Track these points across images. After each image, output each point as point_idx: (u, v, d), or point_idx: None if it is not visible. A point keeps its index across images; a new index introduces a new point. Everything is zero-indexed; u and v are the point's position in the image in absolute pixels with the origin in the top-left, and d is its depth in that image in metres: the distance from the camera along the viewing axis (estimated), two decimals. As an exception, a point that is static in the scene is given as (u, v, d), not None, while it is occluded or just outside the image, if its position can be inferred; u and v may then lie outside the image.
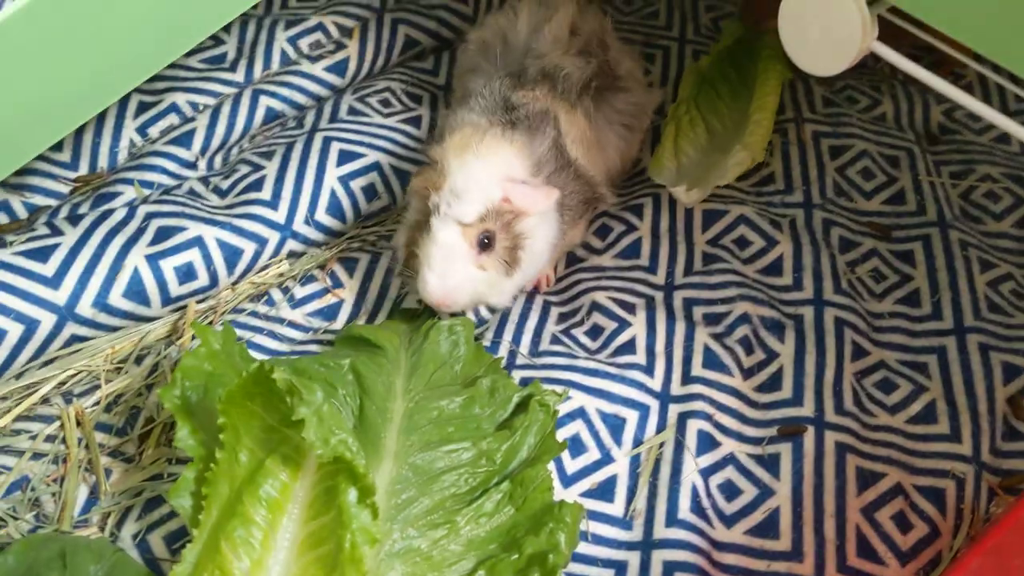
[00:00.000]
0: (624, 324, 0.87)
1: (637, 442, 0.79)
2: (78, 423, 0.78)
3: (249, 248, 0.89)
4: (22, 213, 0.93)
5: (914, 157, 1.04)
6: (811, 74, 0.73)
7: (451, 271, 0.80)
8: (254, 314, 0.88)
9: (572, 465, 0.78)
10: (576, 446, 0.79)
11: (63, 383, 0.81)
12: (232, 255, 0.88)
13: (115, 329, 0.85)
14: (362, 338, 0.82)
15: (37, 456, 0.77)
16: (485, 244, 0.80)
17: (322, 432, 0.61)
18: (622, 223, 0.98)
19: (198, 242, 0.87)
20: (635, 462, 0.78)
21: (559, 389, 0.81)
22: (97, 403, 0.80)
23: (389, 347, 0.81)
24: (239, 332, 0.85)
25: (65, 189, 0.95)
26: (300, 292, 0.91)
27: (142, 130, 1.00)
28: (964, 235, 0.95)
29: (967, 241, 0.94)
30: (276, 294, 0.90)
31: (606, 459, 0.78)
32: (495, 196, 0.80)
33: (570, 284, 0.94)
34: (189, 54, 1.04)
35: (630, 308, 0.89)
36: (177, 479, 0.67)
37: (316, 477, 0.65)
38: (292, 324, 0.88)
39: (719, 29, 1.23)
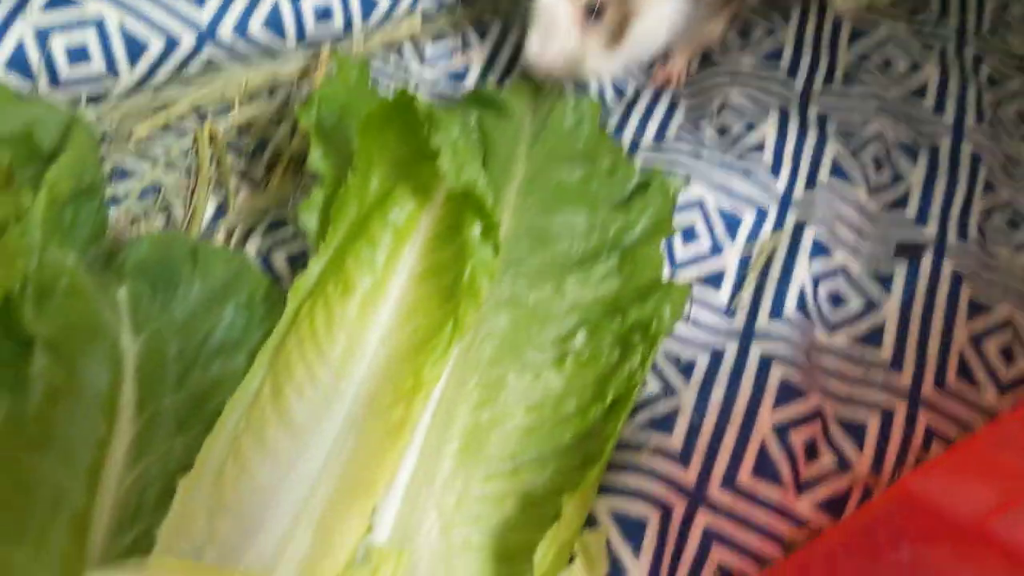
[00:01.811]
0: (754, 125, 0.85)
1: (751, 240, 0.79)
2: (211, 140, 0.80)
3: (384, 1, 0.88)
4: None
5: (1085, 1, 0.97)
6: None
7: (552, 37, 0.78)
8: (384, 66, 0.88)
9: (683, 251, 0.78)
10: (689, 235, 0.79)
11: (198, 104, 0.83)
12: (367, 6, 0.88)
13: (250, 59, 0.86)
14: (489, 99, 0.81)
15: (170, 167, 0.79)
16: (593, 12, 0.78)
17: (455, 164, 0.62)
18: (766, 25, 0.94)
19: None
20: (745, 259, 0.78)
21: (680, 178, 0.80)
22: (229, 126, 0.82)
23: (515, 111, 0.81)
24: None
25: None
26: (431, 51, 0.90)
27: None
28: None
29: None
30: (406, 50, 0.90)
31: (717, 251, 0.78)
32: None
33: (702, 80, 0.91)
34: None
35: (763, 110, 0.86)
36: (305, 198, 0.69)
37: (443, 210, 0.66)
38: (420, 81, 0.88)
39: None
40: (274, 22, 0.84)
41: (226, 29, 0.83)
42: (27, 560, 0.54)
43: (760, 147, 0.84)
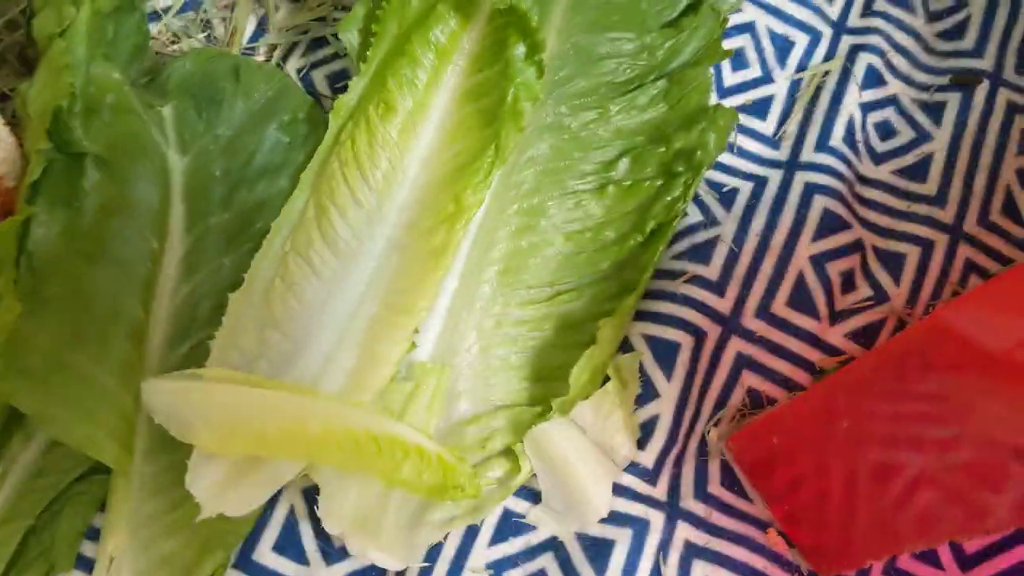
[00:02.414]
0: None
1: (802, 68, 0.77)
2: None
3: None
4: None
5: None
6: None
7: None
8: None
9: (731, 78, 0.77)
10: (738, 60, 0.77)
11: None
12: None
13: None
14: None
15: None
16: None
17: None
18: None
19: None
20: (795, 87, 0.76)
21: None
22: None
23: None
24: None
25: None
26: None
27: None
28: None
29: None
30: None
31: (766, 78, 0.76)
32: None
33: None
34: None
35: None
36: (346, 15, 0.67)
37: (486, 29, 0.65)
38: None
39: None
40: None
41: None
42: (89, 363, 0.57)
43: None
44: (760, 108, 0.76)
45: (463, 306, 0.65)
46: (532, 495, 0.64)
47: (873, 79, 0.76)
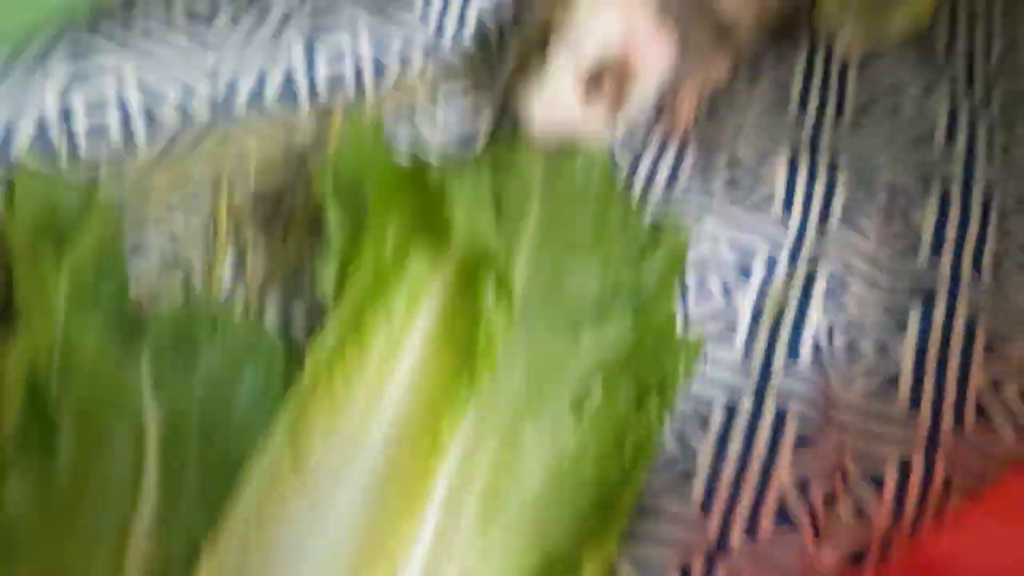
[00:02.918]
0: (764, 171, 0.86)
1: (764, 288, 0.80)
2: (228, 211, 0.82)
3: (394, 63, 0.90)
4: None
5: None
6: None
7: (558, 107, 0.80)
8: (394, 130, 0.90)
9: (695, 301, 0.79)
10: (701, 285, 0.79)
11: (215, 175, 0.85)
12: (379, 67, 0.90)
13: (264, 127, 0.87)
14: (500, 158, 0.82)
15: (188, 239, 0.81)
16: (596, 81, 0.80)
17: (468, 226, 0.63)
18: (772, 72, 0.95)
19: (351, 52, 0.88)
20: (758, 308, 0.79)
21: (691, 223, 0.81)
22: (247, 192, 0.83)
23: (526, 168, 0.82)
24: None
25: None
26: (441, 113, 0.92)
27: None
28: None
29: None
30: (418, 112, 0.91)
31: (728, 301, 0.79)
32: (615, 37, 0.80)
33: (709, 124, 0.92)
34: None
35: (772, 155, 0.87)
36: (321, 263, 0.70)
37: (457, 271, 0.67)
38: (431, 143, 0.90)
39: None
40: (287, 92, 0.86)
41: (241, 101, 0.85)
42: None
43: (770, 194, 0.84)
44: (726, 331, 0.77)
45: (444, 542, 0.63)
46: None
47: (833, 300, 0.78)
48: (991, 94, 0.93)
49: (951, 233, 0.82)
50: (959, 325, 0.77)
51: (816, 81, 0.94)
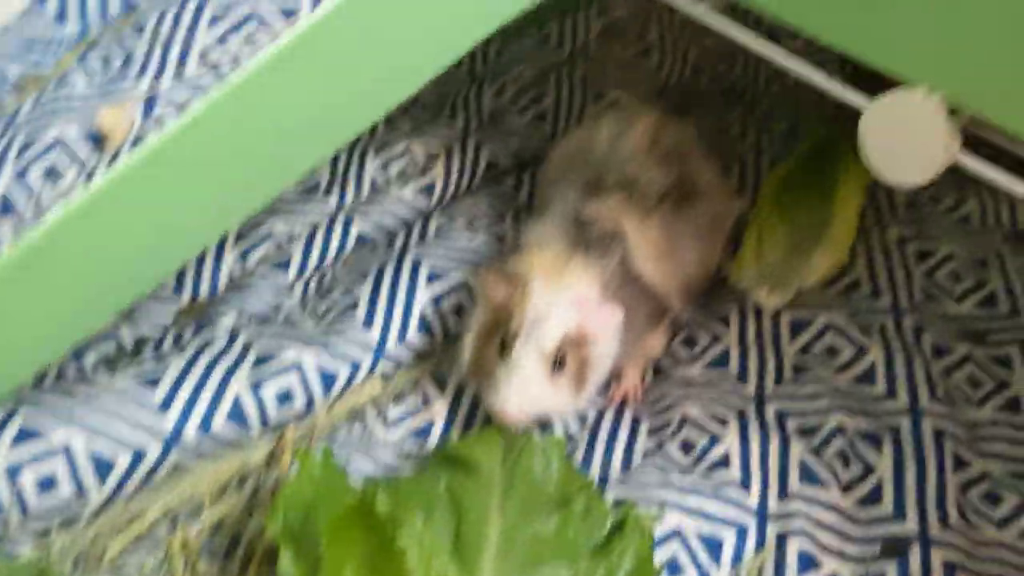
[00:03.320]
0: (717, 438, 0.87)
1: (736, 563, 0.78)
2: (183, 549, 0.80)
3: (344, 370, 0.92)
4: (128, 341, 0.97)
5: (1003, 259, 1.02)
6: (896, 186, 0.74)
7: (527, 391, 0.82)
8: (348, 437, 0.90)
9: (671, 589, 0.77)
10: (674, 569, 0.78)
11: (169, 509, 0.83)
12: (328, 378, 0.91)
13: (216, 454, 0.87)
14: (457, 456, 0.83)
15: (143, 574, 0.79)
16: (559, 365, 0.83)
17: (423, 560, 0.62)
18: (708, 333, 0.98)
19: (296, 367, 0.90)
20: (735, 582, 0.77)
21: (653, 509, 0.80)
22: (200, 529, 0.82)
23: (484, 465, 0.82)
24: (335, 455, 0.87)
25: (169, 318, 1.00)
26: (393, 413, 0.93)
27: (242, 257, 1.05)
28: (1064, 337, 0.93)
29: (1067, 344, 0.92)
30: (369, 415, 0.92)
31: (705, 581, 0.77)
32: (574, 322, 0.83)
33: (659, 397, 0.94)
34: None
35: (722, 421, 0.88)
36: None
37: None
38: (385, 445, 0.90)
39: (795, 136, 1.25)
40: (237, 415, 0.87)
41: (191, 431, 0.85)
42: None
43: (726, 460, 0.85)
44: (706, 613, 0.75)
45: None
46: None
47: (807, 563, 0.77)
48: (922, 325, 0.96)
49: (910, 475, 0.82)
50: (937, 572, 0.76)
51: (751, 338, 0.97)
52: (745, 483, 0.83)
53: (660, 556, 0.78)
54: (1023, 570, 0.76)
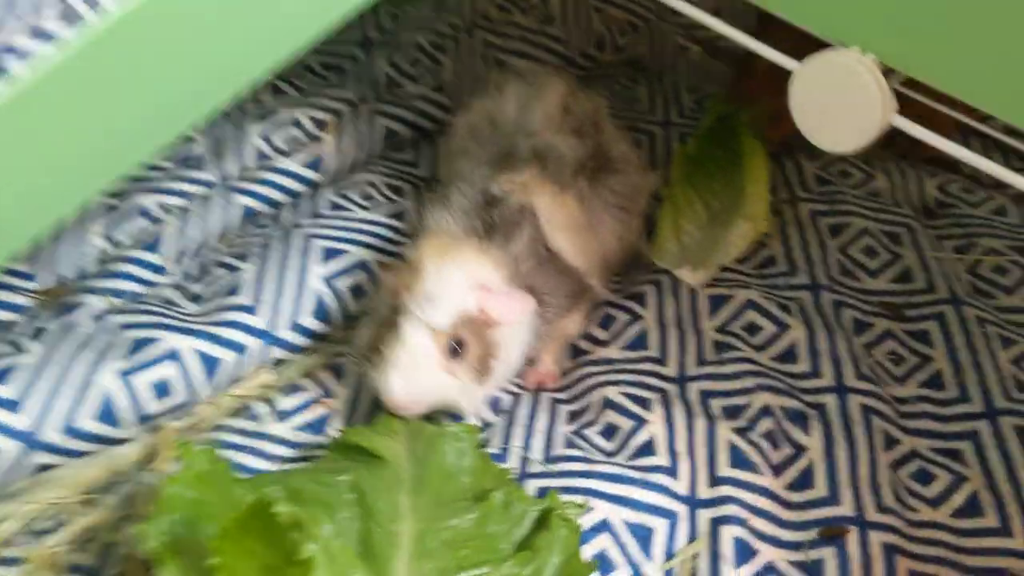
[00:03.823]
0: (640, 422, 0.81)
1: (668, 554, 0.73)
2: (46, 565, 0.69)
3: (229, 358, 0.82)
4: (-23, 330, 0.85)
5: (915, 233, 1.00)
6: (830, 152, 0.69)
7: (417, 376, 0.75)
8: (237, 431, 0.81)
9: (601, 584, 0.71)
10: (604, 564, 0.72)
11: (29, 519, 0.72)
12: (211, 366, 0.81)
13: (83, 454, 0.76)
14: (359, 446, 0.74)
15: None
16: (455, 351, 0.76)
17: (333, 572, 0.54)
18: (626, 312, 0.93)
19: (174, 354, 0.80)
20: (668, 576, 0.72)
21: (579, 499, 0.74)
22: (67, 541, 0.71)
23: (390, 457, 0.74)
24: (222, 452, 0.77)
25: (24, 302, 0.88)
26: (286, 404, 0.83)
27: (109, 234, 0.93)
28: (979, 311, 0.91)
29: (983, 318, 0.90)
30: (260, 407, 0.83)
31: (636, 575, 0.71)
32: (469, 305, 0.76)
33: (578, 379, 0.88)
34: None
35: (644, 404, 0.83)
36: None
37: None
38: (279, 440, 0.81)
39: (702, 110, 1.21)
40: (107, 412, 0.76)
41: (50, 430, 0.74)
42: None
43: (650, 445, 0.79)
44: (642, 612, 0.70)
45: None
46: None
47: (744, 551, 0.72)
48: (841, 300, 0.93)
49: (841, 455, 0.78)
50: (877, 558, 0.72)
51: (670, 316, 0.92)
52: (673, 469, 0.77)
53: (588, 551, 0.72)
54: (960, 550, 0.73)
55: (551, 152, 0.88)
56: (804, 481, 0.77)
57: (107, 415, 0.76)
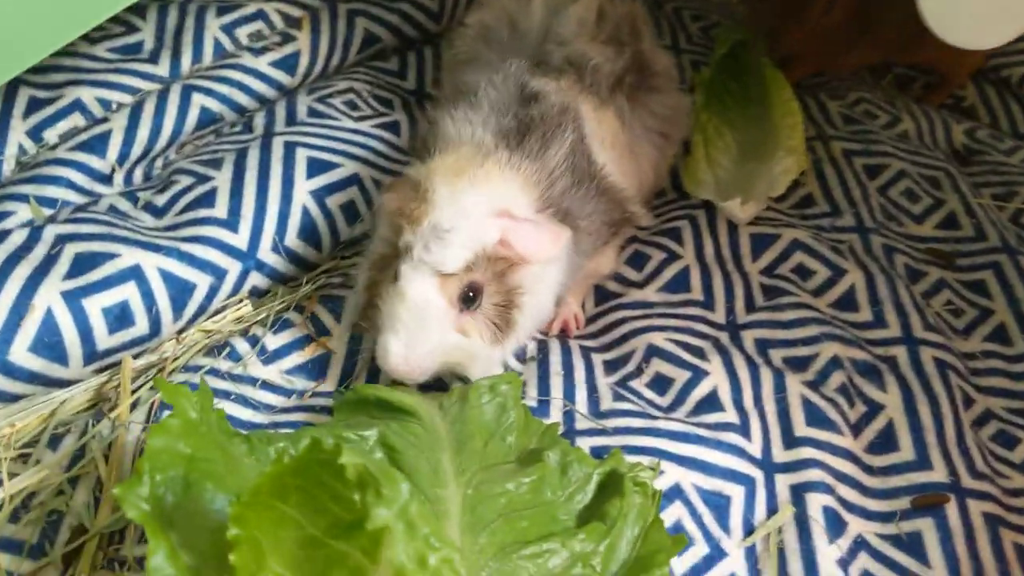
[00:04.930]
0: (698, 373, 0.69)
1: (747, 525, 0.61)
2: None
3: (203, 282, 0.66)
4: None
5: (955, 178, 0.91)
6: (969, 48, 0.58)
7: (420, 338, 0.60)
8: (214, 372, 0.65)
9: (677, 564, 0.59)
10: (677, 530, 0.60)
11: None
12: (181, 292, 0.65)
13: (16, 398, 0.60)
14: (380, 400, 0.60)
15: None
16: (469, 300, 0.61)
17: (415, 547, 0.40)
18: (660, 250, 0.80)
19: (135, 273, 0.63)
20: (752, 553, 0.60)
21: (646, 460, 0.61)
22: (1, 505, 0.54)
23: (422, 411, 0.60)
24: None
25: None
26: (273, 342, 0.68)
27: (35, 133, 0.75)
28: (1035, 262, 0.82)
29: (1042, 268, 0.82)
30: (240, 345, 0.67)
31: (717, 552, 0.59)
32: (490, 239, 0.61)
33: (610, 324, 0.75)
34: (94, 40, 0.81)
35: (698, 352, 0.71)
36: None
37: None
38: (267, 385, 0.65)
39: (709, 38, 1.10)
40: (49, 342, 0.59)
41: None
42: None
43: (714, 401, 0.67)
44: (726, 589, 0.58)
45: None
46: None
47: (835, 524, 0.61)
48: (891, 245, 0.83)
49: (925, 415, 0.68)
50: (980, 529, 0.62)
51: (711, 257, 0.80)
52: (744, 427, 0.66)
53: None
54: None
55: (586, 62, 0.74)
56: (885, 443, 0.67)
57: (49, 347, 0.59)
